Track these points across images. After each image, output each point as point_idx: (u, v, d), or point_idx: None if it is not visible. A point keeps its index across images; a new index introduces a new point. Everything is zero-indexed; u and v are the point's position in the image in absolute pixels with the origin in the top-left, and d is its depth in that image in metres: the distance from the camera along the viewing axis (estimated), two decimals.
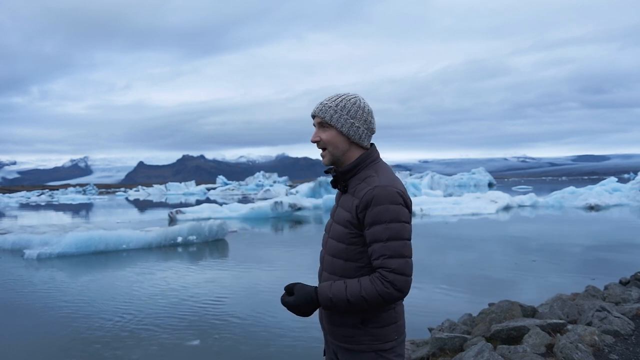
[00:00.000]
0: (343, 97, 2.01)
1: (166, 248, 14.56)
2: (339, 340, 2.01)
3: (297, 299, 1.91)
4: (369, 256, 1.91)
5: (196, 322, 6.88)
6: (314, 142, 2.04)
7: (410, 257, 1.87)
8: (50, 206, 47.34)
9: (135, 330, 6.55)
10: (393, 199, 1.85)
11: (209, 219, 21.16)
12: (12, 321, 7.32)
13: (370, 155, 2.02)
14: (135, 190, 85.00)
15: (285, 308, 1.97)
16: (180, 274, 10.66)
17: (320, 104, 2.02)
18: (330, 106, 1.98)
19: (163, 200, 55.81)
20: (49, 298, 8.58)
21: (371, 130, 2.04)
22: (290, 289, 1.96)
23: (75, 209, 40.67)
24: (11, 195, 74.94)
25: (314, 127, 2.08)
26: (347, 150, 2.00)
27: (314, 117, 2.05)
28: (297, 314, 1.94)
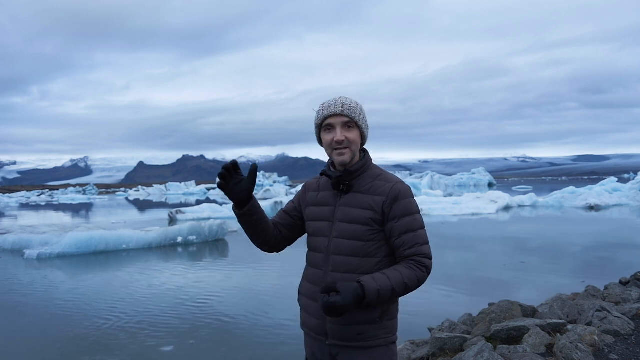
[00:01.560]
0: (352, 99, 2.06)
1: (166, 248, 14.56)
2: (352, 340, 1.98)
3: (346, 298, 1.81)
4: (387, 249, 2.01)
5: (183, 323, 6.87)
6: (340, 141, 2.00)
7: None
8: (50, 206, 47.34)
9: (124, 331, 6.54)
10: (412, 193, 2.05)
11: (209, 219, 21.15)
12: (11, 321, 7.32)
13: (370, 156, 2.13)
14: (135, 190, 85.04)
15: (326, 310, 1.82)
16: (180, 274, 10.66)
17: (343, 104, 2.00)
18: (355, 107, 2.02)
19: (163, 200, 55.81)
20: (49, 298, 8.58)
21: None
22: (331, 288, 1.86)
23: (75, 209, 40.68)
24: (11, 195, 74.96)
25: (320, 127, 2.05)
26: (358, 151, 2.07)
27: (332, 116, 2.00)
28: (337, 315, 1.83)
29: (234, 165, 2.00)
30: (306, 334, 2.17)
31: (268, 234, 2.17)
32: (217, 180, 1.99)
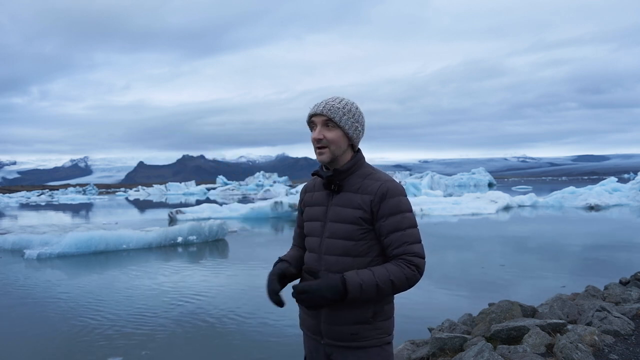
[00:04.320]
0: (345, 100, 2.07)
1: (166, 248, 14.55)
2: (345, 340, 2.00)
3: (321, 283, 1.87)
4: (379, 248, 2.01)
5: (180, 324, 6.87)
6: (317, 139, 2.03)
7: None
8: (50, 206, 47.33)
9: (118, 332, 6.55)
10: (402, 191, 2.02)
11: (209, 219, 21.15)
12: (11, 321, 7.32)
13: (362, 156, 2.13)
14: (135, 190, 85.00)
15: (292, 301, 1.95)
16: (179, 274, 10.66)
17: (326, 103, 2.03)
18: (339, 107, 2.02)
19: (163, 200, 55.81)
20: (48, 298, 8.58)
21: (364, 135, 2.15)
22: (313, 274, 1.96)
23: (75, 209, 40.67)
24: (11, 195, 74.91)
25: (309, 125, 2.09)
26: (345, 150, 2.07)
27: (314, 115, 2.04)
28: (309, 304, 1.87)
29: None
30: (304, 333, 2.20)
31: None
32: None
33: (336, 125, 2.01)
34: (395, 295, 2.06)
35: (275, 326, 6.60)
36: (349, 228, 1.99)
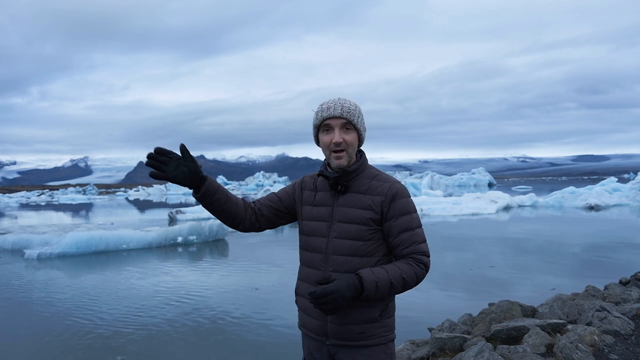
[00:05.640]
0: (352, 100, 2.06)
1: (166, 248, 14.56)
2: (353, 339, 2.00)
3: (338, 283, 1.84)
4: (385, 248, 2.03)
5: (179, 324, 6.88)
6: (337, 143, 1.99)
7: None
8: (50, 206, 47.32)
9: (118, 331, 6.56)
10: (408, 193, 2.09)
11: (209, 219, 21.13)
12: (11, 321, 7.32)
13: (365, 157, 2.13)
14: (135, 190, 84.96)
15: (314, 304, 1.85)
16: (179, 274, 10.66)
17: (343, 105, 1.99)
18: (354, 109, 2.02)
19: (163, 200, 55.80)
20: (49, 298, 8.58)
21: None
22: (327, 280, 1.93)
23: (75, 209, 40.66)
24: (11, 195, 74.89)
25: (319, 127, 2.05)
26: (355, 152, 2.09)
27: (331, 118, 2.00)
28: (331, 309, 1.83)
29: (159, 152, 1.86)
30: (304, 334, 2.17)
31: (237, 213, 2.11)
32: (150, 172, 1.86)
33: (353, 128, 2.01)
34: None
35: (275, 326, 6.60)
36: (358, 228, 1.99)
